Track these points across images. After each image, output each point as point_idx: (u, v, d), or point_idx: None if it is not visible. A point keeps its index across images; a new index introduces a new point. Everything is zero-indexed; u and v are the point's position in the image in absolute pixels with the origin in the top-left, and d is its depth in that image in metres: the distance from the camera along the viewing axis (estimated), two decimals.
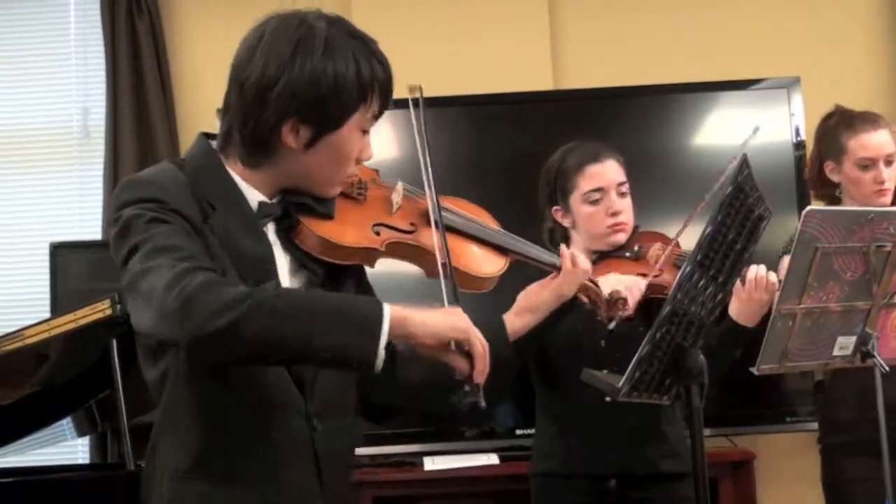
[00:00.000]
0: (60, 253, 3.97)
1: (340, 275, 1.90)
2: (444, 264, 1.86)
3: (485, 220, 2.12)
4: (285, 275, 1.83)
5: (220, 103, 4.51)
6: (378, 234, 1.92)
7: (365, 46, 1.80)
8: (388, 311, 1.64)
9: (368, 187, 1.97)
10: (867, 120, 3.12)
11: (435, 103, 1.95)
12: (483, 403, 1.70)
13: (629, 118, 4.16)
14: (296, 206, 1.84)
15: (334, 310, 1.63)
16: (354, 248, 1.87)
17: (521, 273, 2.26)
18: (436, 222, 1.91)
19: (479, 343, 1.70)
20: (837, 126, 3.16)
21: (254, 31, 1.83)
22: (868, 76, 4.39)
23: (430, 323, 1.69)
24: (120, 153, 4.31)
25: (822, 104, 3.28)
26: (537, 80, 4.28)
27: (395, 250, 1.94)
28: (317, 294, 1.76)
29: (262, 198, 1.82)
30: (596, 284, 2.27)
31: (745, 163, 1.95)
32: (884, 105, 4.12)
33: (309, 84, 1.73)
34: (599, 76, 4.30)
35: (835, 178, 3.14)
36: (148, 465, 1.83)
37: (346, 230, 1.87)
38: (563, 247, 2.27)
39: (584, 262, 2.24)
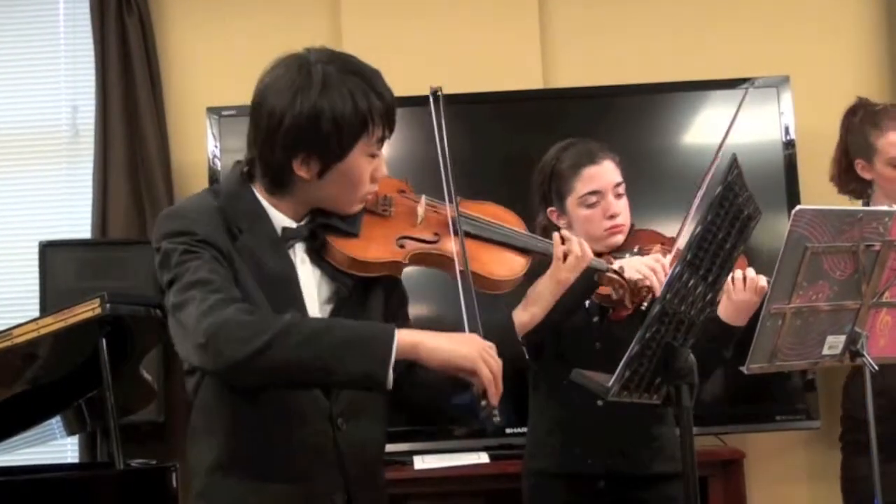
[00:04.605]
0: (49, 252, 3.95)
1: (370, 286, 2.06)
2: (461, 271, 2.02)
3: (507, 223, 2.23)
4: (314, 289, 2.02)
5: (209, 101, 4.51)
6: (402, 246, 2.07)
7: (363, 81, 1.96)
8: (397, 338, 1.82)
9: (394, 202, 2.12)
10: (893, 116, 3.13)
11: (424, 102, 1.97)
12: (497, 418, 1.85)
13: (619, 117, 4.16)
14: (322, 227, 2.01)
15: (348, 339, 1.82)
16: (379, 262, 2.03)
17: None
18: (454, 229, 2.06)
19: (487, 371, 1.84)
20: (863, 124, 3.17)
21: (266, 73, 2.00)
22: (858, 75, 4.39)
23: (440, 351, 1.85)
24: (109, 151, 4.29)
25: (811, 103, 3.29)
26: (527, 78, 4.28)
27: (420, 260, 2.09)
28: (332, 323, 1.92)
29: (287, 222, 2.02)
30: (619, 274, 2.28)
31: (734, 162, 1.95)
32: None
33: (309, 122, 1.92)
34: (589, 75, 4.30)
35: (867, 175, 3.15)
36: (187, 463, 2.06)
37: (370, 247, 2.03)
38: (555, 234, 2.31)
39: (577, 245, 2.27)
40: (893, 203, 3.08)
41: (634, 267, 2.47)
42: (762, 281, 2.57)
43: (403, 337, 1.83)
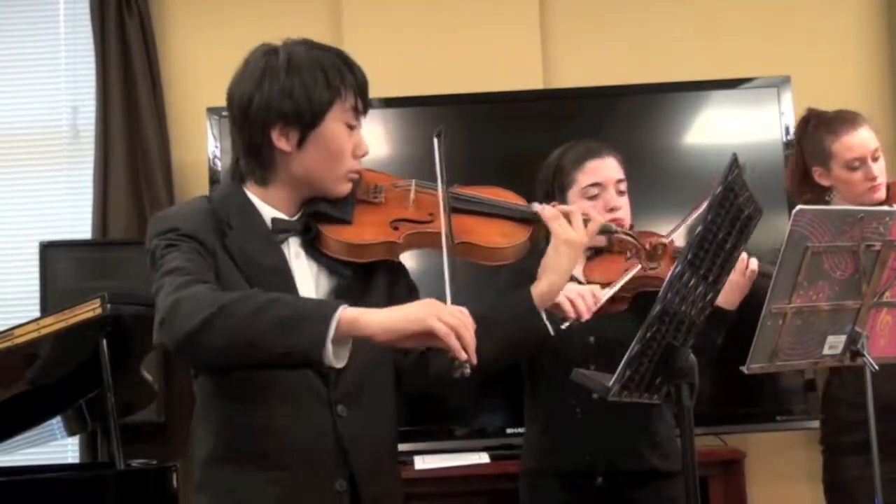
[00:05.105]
0: (50, 252, 3.96)
1: (370, 276, 2.05)
2: (447, 249, 1.96)
3: (505, 198, 2.18)
4: (311, 283, 2.01)
5: (210, 101, 4.51)
6: (396, 228, 2.05)
7: (332, 56, 2.01)
8: (339, 313, 1.75)
9: (384, 189, 2.11)
10: (845, 120, 3.13)
11: (425, 102, 1.98)
12: (468, 371, 1.78)
13: (619, 117, 4.16)
14: (314, 217, 2.02)
15: (286, 316, 1.76)
16: (374, 243, 2.02)
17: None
18: (444, 204, 2.02)
19: (442, 325, 1.75)
20: (817, 130, 3.16)
21: (238, 68, 2.06)
22: (858, 75, 4.39)
23: (384, 321, 1.77)
24: (110, 152, 4.30)
25: (812, 103, 3.28)
26: (527, 78, 4.28)
27: (415, 240, 2.06)
28: (275, 300, 1.83)
29: (277, 214, 2.03)
30: (633, 235, 2.26)
31: (734, 162, 1.95)
32: (873, 104, 4.13)
33: (280, 95, 1.97)
34: (590, 75, 4.30)
35: (825, 182, 3.15)
36: (190, 454, 2.05)
37: (364, 230, 2.02)
38: (536, 205, 2.20)
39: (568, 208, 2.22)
40: None
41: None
42: (753, 264, 2.58)
43: (346, 314, 1.75)
